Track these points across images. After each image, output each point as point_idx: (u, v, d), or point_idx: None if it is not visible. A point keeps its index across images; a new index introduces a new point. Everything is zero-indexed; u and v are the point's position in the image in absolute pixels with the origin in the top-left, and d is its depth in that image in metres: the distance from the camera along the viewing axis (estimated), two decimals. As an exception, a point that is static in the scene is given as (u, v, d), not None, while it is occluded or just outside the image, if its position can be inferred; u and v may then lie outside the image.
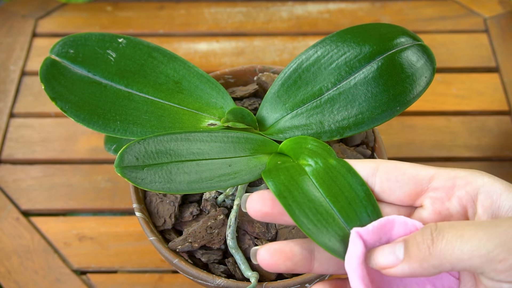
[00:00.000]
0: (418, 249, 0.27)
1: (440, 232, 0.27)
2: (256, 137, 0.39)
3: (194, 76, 0.43)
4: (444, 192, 0.30)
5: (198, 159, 0.37)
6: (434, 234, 0.27)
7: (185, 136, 0.37)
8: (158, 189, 0.35)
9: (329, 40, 0.42)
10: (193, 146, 0.37)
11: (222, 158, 0.37)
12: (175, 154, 0.36)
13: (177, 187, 0.35)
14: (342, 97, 0.40)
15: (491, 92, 0.68)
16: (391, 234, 0.30)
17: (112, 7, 0.77)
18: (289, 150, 0.38)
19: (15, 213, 0.59)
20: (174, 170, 0.36)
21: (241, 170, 0.37)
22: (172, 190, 0.35)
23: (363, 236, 0.29)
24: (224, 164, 0.37)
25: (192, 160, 0.36)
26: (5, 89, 0.68)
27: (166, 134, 0.37)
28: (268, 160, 0.38)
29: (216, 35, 0.75)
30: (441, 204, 0.30)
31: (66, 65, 0.41)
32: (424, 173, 0.31)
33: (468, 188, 0.29)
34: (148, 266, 0.55)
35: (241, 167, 0.37)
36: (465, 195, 0.29)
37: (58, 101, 0.39)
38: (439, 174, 0.30)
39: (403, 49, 0.41)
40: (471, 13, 0.76)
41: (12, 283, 0.54)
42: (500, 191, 0.28)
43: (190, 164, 0.36)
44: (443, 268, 0.27)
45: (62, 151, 0.63)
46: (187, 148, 0.37)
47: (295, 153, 0.37)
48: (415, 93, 0.40)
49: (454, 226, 0.27)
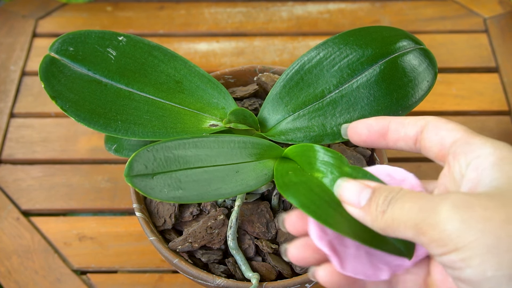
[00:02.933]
0: (375, 209, 0.28)
1: (397, 201, 0.28)
2: (262, 142, 0.39)
3: (195, 76, 0.43)
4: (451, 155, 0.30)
5: (206, 166, 0.36)
6: (393, 201, 0.28)
7: (192, 142, 0.37)
8: (168, 198, 0.34)
9: (332, 42, 0.42)
10: (201, 152, 0.37)
11: (229, 164, 0.37)
12: (183, 161, 0.36)
13: (187, 196, 0.35)
14: (344, 99, 0.40)
15: (491, 92, 0.68)
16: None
17: (112, 7, 0.77)
18: (295, 156, 0.38)
19: (15, 213, 0.59)
20: (183, 178, 0.35)
21: (248, 176, 0.37)
22: (183, 200, 0.35)
23: None
24: (232, 170, 0.37)
25: (200, 167, 0.36)
26: (5, 89, 0.68)
27: (174, 140, 0.36)
28: (275, 165, 0.38)
29: (216, 35, 0.75)
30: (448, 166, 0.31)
31: (66, 63, 0.41)
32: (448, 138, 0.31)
33: (468, 157, 0.29)
34: (148, 266, 0.55)
35: (248, 173, 0.37)
36: (463, 163, 0.30)
37: (58, 100, 0.39)
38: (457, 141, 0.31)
39: (405, 53, 0.41)
40: (471, 13, 0.76)
41: (12, 283, 0.54)
42: (488, 165, 0.28)
43: (198, 171, 0.36)
44: (387, 234, 0.28)
45: (62, 151, 0.63)
46: (195, 154, 0.36)
47: (302, 161, 0.37)
48: (417, 97, 0.40)
49: (409, 196, 0.28)
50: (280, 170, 0.37)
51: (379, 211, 0.28)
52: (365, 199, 0.29)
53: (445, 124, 0.31)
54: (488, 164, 0.28)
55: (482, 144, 0.29)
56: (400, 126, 0.33)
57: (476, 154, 0.28)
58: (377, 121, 0.34)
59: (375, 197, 0.29)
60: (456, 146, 0.30)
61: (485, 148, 0.28)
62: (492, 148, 0.28)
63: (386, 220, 0.28)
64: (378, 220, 0.28)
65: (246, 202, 0.43)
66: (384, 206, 0.28)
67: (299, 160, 0.38)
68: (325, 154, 0.36)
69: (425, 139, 0.32)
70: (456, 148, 0.30)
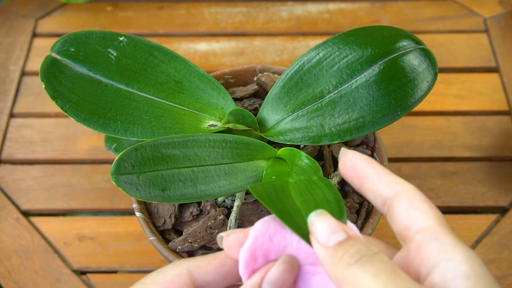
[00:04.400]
0: (341, 255, 0.26)
1: (371, 263, 0.25)
2: (255, 142, 0.39)
3: (195, 76, 0.43)
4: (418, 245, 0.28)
5: (194, 166, 0.36)
6: (365, 259, 0.25)
7: (182, 141, 0.37)
8: (151, 198, 0.34)
9: (331, 42, 0.42)
10: (190, 152, 0.37)
11: (218, 164, 0.37)
12: (171, 161, 0.36)
13: (171, 196, 0.35)
14: (344, 100, 0.40)
15: (491, 92, 0.68)
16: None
17: (112, 7, 0.77)
18: (287, 157, 0.39)
19: (15, 213, 0.59)
20: (169, 178, 0.35)
21: (237, 177, 0.37)
22: (166, 200, 0.35)
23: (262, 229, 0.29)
24: (220, 171, 0.37)
25: (188, 167, 0.36)
26: (5, 89, 0.68)
27: (163, 139, 0.36)
28: (266, 167, 0.38)
29: (216, 35, 0.75)
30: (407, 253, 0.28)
31: (67, 64, 0.41)
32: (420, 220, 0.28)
33: (436, 258, 0.27)
34: (148, 266, 0.55)
35: (237, 174, 0.37)
36: (430, 262, 0.27)
37: (58, 100, 0.39)
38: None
39: (405, 53, 0.41)
40: (471, 13, 0.76)
41: (12, 283, 0.54)
42: (460, 277, 0.25)
43: (185, 171, 0.36)
44: (339, 285, 0.26)
45: (62, 151, 0.63)
46: (183, 154, 0.36)
47: (290, 164, 0.37)
48: (416, 98, 0.40)
49: (387, 268, 0.25)
50: (269, 172, 0.37)
51: (345, 260, 0.26)
52: (336, 241, 0.27)
53: (419, 203, 0.28)
54: (459, 275, 0.25)
55: (453, 247, 0.26)
56: (377, 178, 0.30)
57: (447, 257, 0.26)
58: (364, 161, 0.31)
59: (348, 245, 0.26)
60: (423, 237, 0.27)
61: (456, 253, 0.26)
62: (462, 256, 0.26)
63: (350, 275, 0.25)
64: (339, 268, 0.26)
65: (245, 202, 0.43)
66: (353, 259, 0.25)
67: (290, 163, 0.38)
68: (304, 162, 0.36)
69: (393, 208, 0.29)
70: (422, 240, 0.27)
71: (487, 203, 0.59)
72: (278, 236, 0.30)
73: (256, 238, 0.29)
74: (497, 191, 0.60)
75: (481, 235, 0.57)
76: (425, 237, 0.27)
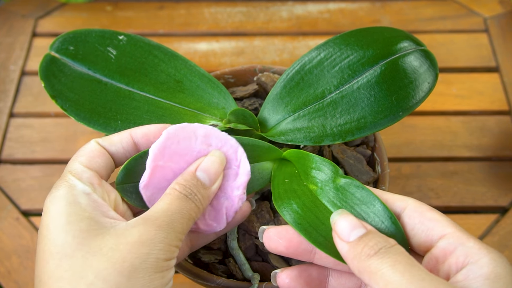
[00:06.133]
0: (361, 248, 0.28)
1: (388, 254, 0.27)
2: (261, 144, 0.39)
3: (196, 76, 0.43)
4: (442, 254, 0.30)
5: None
6: (383, 250, 0.28)
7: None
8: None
9: (332, 42, 0.42)
10: None
11: None
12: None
13: None
14: (345, 100, 0.40)
15: (491, 92, 0.68)
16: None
17: (112, 7, 0.77)
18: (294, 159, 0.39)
19: (15, 213, 0.59)
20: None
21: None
22: None
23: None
24: None
25: None
26: (5, 89, 0.68)
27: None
28: (273, 169, 0.39)
29: (216, 35, 0.74)
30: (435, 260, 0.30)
31: (66, 62, 0.41)
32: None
33: (465, 260, 0.29)
34: (148, 266, 0.55)
35: None
36: (454, 266, 0.29)
37: (58, 100, 0.39)
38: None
39: (406, 54, 0.41)
40: (471, 13, 0.76)
41: (12, 283, 0.54)
42: (480, 277, 0.27)
43: None
44: (361, 276, 0.28)
45: (62, 151, 0.63)
46: None
47: (299, 166, 0.38)
48: (417, 99, 0.40)
49: (404, 259, 0.27)
50: (278, 175, 0.38)
51: (365, 252, 0.28)
52: (356, 236, 0.29)
53: (430, 213, 0.31)
54: (480, 275, 0.27)
55: (479, 250, 0.28)
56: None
57: (473, 260, 0.28)
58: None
59: (367, 238, 0.29)
60: (448, 243, 0.29)
61: (482, 256, 0.28)
62: (488, 258, 0.28)
63: (370, 266, 0.27)
64: (360, 260, 0.28)
65: (246, 202, 0.43)
66: (373, 251, 0.28)
67: (297, 165, 0.38)
68: (321, 163, 0.37)
69: (405, 225, 0.31)
70: (448, 245, 0.29)
71: (487, 203, 0.59)
72: (186, 142, 0.34)
73: (168, 138, 0.34)
74: (497, 191, 0.60)
75: (481, 235, 0.57)
76: (450, 243, 0.29)
